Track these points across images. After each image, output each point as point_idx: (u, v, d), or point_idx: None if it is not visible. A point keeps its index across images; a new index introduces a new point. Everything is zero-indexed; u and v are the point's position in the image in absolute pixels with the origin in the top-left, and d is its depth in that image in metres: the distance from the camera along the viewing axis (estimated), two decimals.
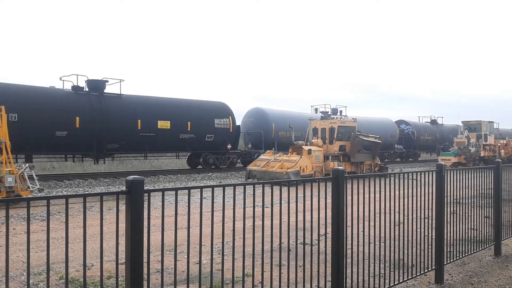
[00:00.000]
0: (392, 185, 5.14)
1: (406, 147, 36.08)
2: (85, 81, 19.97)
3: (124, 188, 2.94)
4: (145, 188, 2.97)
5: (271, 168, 18.08)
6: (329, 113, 28.98)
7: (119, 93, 20.37)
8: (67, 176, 19.44)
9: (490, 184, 7.05)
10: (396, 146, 35.04)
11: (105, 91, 20.08)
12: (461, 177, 6.31)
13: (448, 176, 5.88)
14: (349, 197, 4.48)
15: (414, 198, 5.38)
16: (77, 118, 18.51)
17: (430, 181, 5.63)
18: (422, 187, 5.53)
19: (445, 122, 40.83)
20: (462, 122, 30.61)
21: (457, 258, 6.14)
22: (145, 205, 2.91)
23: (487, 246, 6.89)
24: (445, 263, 5.70)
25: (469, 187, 6.52)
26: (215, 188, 3.47)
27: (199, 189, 3.37)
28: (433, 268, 5.51)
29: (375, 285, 4.75)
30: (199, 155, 23.24)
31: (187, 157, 24.68)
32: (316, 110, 29.40)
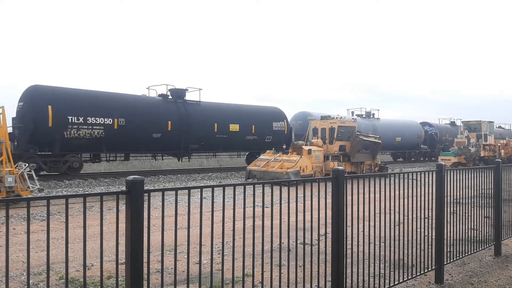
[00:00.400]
0: (392, 185, 5.14)
1: (430, 147, 38.58)
2: (169, 89, 22.96)
3: (124, 188, 2.94)
4: (145, 188, 2.97)
5: (271, 168, 18.08)
6: (364, 116, 33.51)
7: (198, 100, 23.58)
8: (67, 176, 19.46)
9: (490, 184, 7.05)
10: (421, 146, 38.08)
11: (186, 98, 23.24)
12: (461, 177, 6.31)
13: (448, 176, 5.88)
14: (349, 197, 4.47)
15: (414, 198, 5.38)
16: (169, 122, 21.60)
17: (430, 181, 5.63)
18: (422, 187, 5.53)
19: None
20: (462, 122, 30.64)
21: (457, 258, 6.14)
22: (145, 205, 2.91)
23: (487, 246, 6.89)
24: (445, 263, 5.70)
25: (469, 187, 6.52)
26: (215, 188, 3.47)
27: (199, 189, 3.37)
28: (433, 268, 5.51)
29: (375, 285, 4.75)
30: (257, 153, 25.61)
31: (246, 155, 27.93)
32: (352, 113, 33.52)
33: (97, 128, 19.01)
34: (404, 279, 5.16)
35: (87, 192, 13.13)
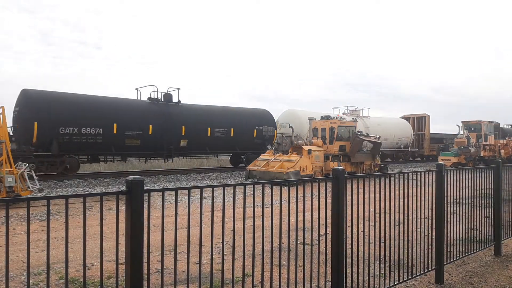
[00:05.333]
0: (392, 185, 5.14)
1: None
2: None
3: (124, 188, 2.94)
4: (145, 188, 2.97)
5: (271, 168, 18.08)
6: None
7: None
8: (67, 176, 19.46)
9: (490, 184, 7.05)
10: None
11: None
12: (461, 177, 6.30)
13: (448, 176, 5.88)
14: (349, 197, 4.48)
15: (414, 198, 5.38)
16: None
17: (430, 181, 5.63)
18: (422, 187, 5.53)
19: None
20: (462, 122, 30.63)
21: (457, 258, 6.14)
22: (145, 205, 2.91)
23: (487, 246, 6.89)
24: (445, 263, 5.70)
25: (469, 187, 6.52)
26: (215, 188, 3.47)
27: (199, 189, 3.37)
28: (433, 268, 5.52)
29: (375, 285, 4.76)
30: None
31: None
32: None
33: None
34: (404, 279, 5.16)
35: (87, 192, 13.14)
